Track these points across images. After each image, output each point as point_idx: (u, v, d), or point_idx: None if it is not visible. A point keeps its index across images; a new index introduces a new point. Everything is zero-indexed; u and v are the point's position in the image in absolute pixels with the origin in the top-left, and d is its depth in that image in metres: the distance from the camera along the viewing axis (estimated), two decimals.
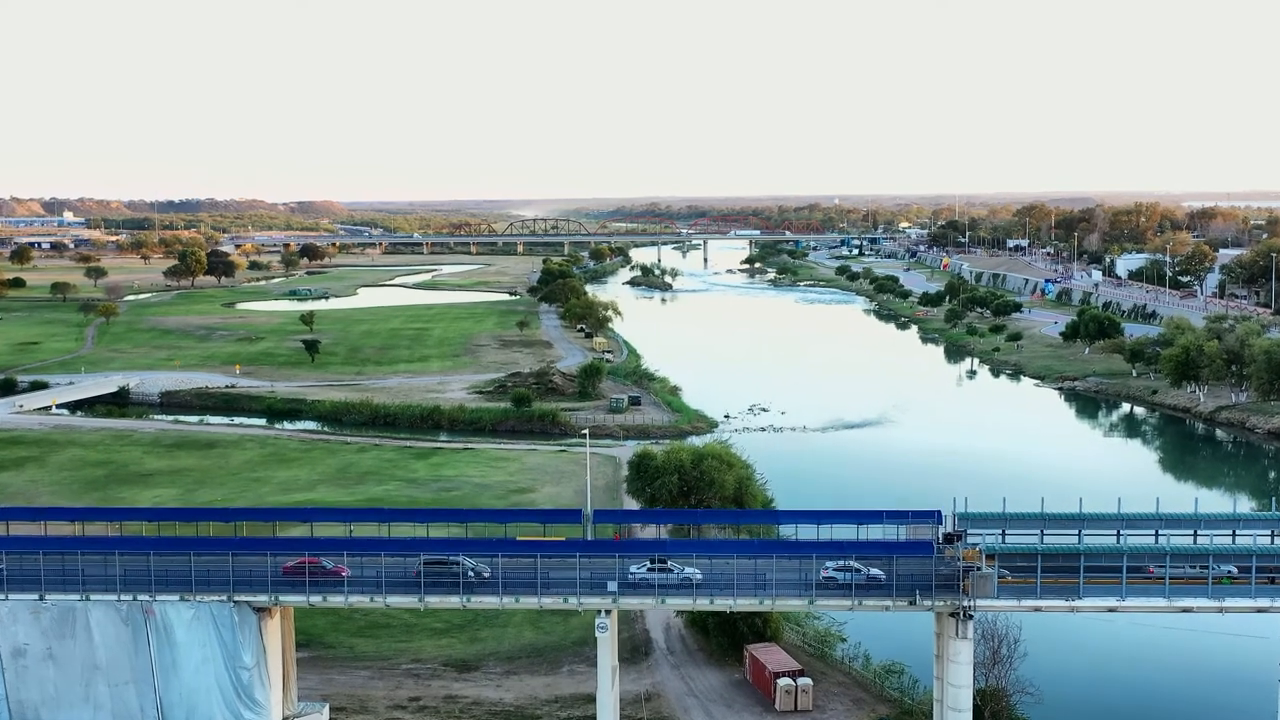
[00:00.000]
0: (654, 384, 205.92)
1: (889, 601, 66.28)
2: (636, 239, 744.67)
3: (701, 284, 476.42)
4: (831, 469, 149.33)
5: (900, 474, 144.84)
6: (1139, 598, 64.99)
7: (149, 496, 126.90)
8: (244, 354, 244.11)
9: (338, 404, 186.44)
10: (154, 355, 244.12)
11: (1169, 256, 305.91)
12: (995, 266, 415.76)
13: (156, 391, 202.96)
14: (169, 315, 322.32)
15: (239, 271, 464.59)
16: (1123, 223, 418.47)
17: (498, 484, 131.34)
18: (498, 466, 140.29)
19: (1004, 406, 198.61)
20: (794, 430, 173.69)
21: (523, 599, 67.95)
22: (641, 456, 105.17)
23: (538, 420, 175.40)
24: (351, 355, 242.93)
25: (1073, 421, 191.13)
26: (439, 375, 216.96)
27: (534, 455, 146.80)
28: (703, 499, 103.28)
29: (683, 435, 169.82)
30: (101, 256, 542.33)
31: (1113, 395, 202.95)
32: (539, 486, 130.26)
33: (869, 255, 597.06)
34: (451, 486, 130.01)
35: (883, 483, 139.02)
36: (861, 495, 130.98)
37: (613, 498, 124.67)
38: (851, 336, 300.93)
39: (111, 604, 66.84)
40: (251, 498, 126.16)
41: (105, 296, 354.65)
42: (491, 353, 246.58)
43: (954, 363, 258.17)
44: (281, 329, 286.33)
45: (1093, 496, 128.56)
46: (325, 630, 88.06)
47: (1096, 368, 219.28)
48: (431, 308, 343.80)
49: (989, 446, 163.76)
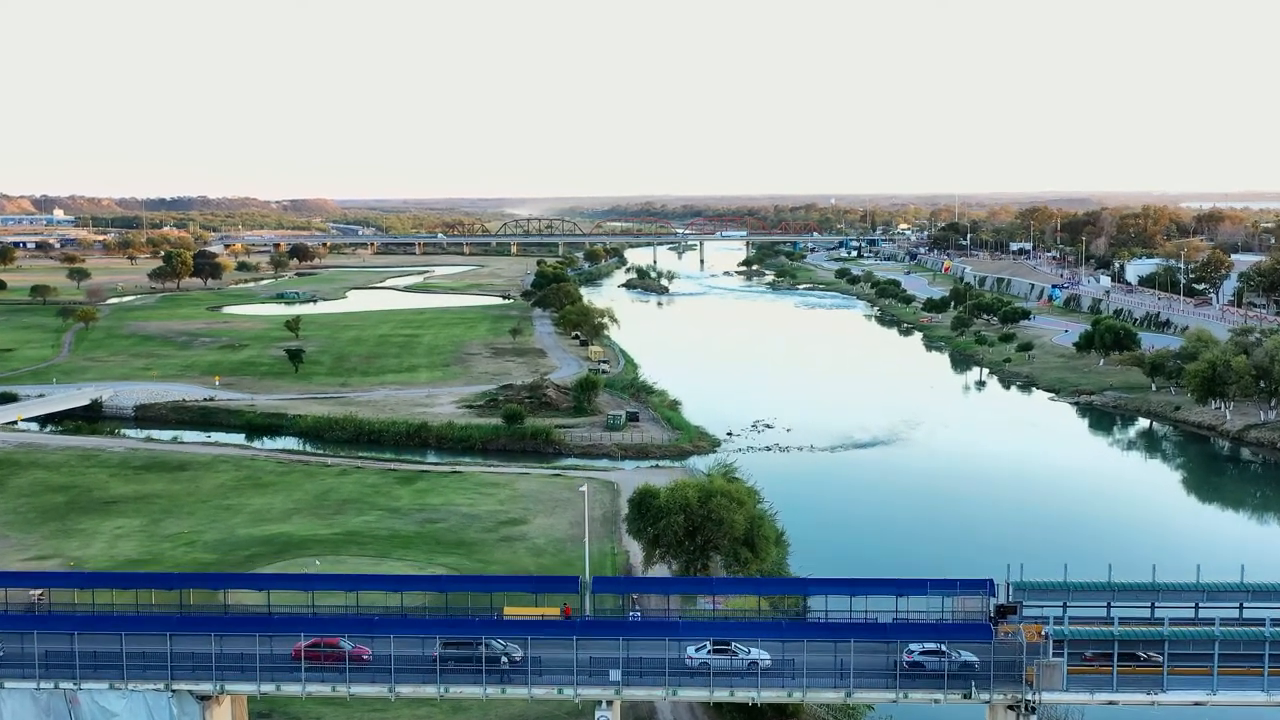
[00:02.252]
0: (652, 397, 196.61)
1: (939, 694, 57.02)
2: (632, 239, 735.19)
3: (698, 287, 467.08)
4: (845, 498, 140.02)
5: (920, 504, 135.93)
6: (1233, 691, 55.68)
7: (110, 528, 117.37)
8: (225, 363, 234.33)
9: (320, 419, 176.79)
10: (132, 364, 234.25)
11: (1183, 262, 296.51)
12: (999, 270, 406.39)
13: (131, 405, 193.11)
14: (151, 320, 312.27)
15: (226, 273, 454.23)
16: (1129, 226, 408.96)
17: (487, 514, 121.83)
18: (487, 493, 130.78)
19: (1019, 422, 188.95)
20: (801, 450, 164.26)
21: (510, 689, 58.49)
22: (643, 494, 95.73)
23: (530, 439, 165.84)
24: (337, 365, 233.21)
25: (1094, 440, 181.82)
26: (427, 387, 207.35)
27: (526, 480, 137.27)
28: (711, 539, 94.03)
29: (684, 455, 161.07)
30: (86, 257, 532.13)
31: (1132, 411, 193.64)
32: (532, 517, 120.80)
33: (868, 257, 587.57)
34: (437, 517, 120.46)
35: (903, 517, 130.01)
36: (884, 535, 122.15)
37: (611, 531, 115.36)
38: (854, 344, 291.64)
39: (29, 692, 57.39)
40: (221, 529, 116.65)
41: (86, 300, 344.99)
42: (483, 362, 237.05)
43: (961, 372, 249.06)
44: (266, 335, 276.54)
45: (1128, 530, 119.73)
46: (288, 700, 78.55)
47: (1113, 381, 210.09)
48: (422, 313, 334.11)
49: (1011, 469, 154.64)
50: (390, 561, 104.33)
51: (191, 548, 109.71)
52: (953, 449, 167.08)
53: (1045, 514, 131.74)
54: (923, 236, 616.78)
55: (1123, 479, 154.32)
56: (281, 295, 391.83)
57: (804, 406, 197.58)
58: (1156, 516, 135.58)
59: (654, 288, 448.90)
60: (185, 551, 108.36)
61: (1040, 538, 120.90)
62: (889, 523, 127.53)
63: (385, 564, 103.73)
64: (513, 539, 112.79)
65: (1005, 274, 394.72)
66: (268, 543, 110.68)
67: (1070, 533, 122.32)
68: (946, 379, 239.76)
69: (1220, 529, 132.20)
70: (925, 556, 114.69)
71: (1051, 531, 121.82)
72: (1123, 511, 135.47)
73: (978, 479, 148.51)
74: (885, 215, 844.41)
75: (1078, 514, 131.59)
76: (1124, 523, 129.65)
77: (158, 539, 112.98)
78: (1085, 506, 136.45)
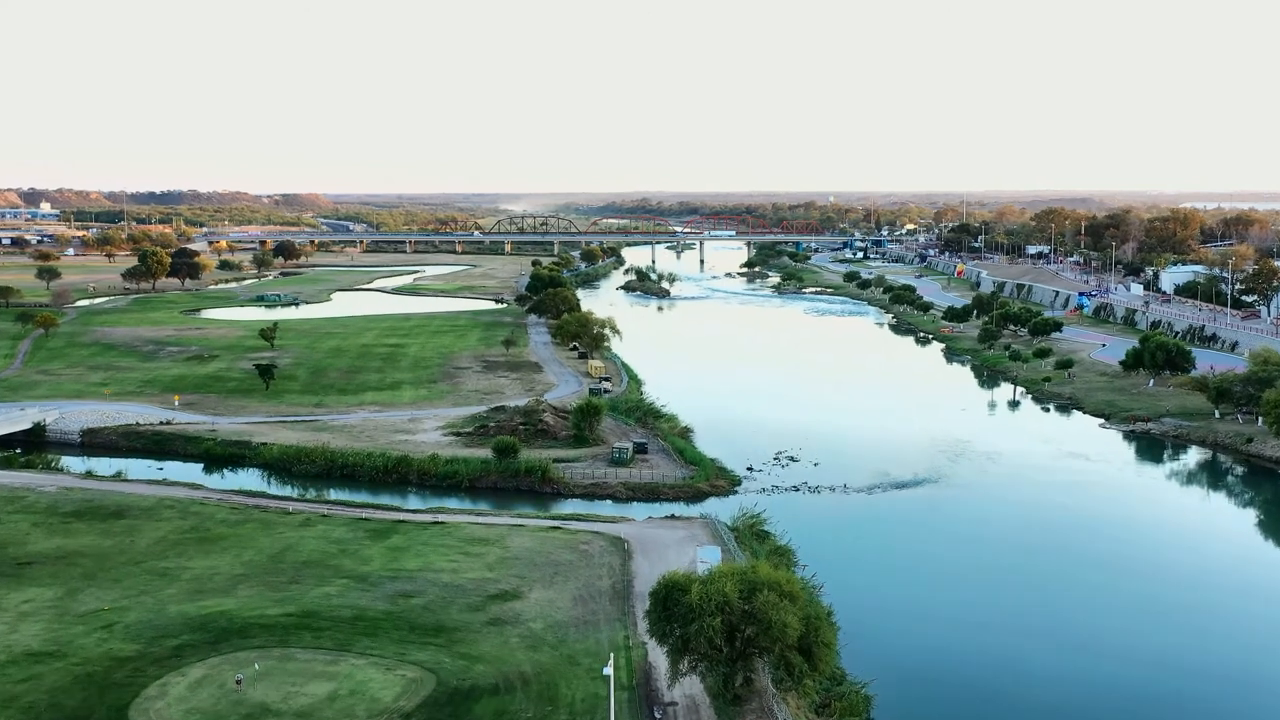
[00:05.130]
0: (661, 423, 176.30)
1: None
2: (630, 238, 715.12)
3: (700, 290, 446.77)
4: (898, 563, 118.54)
5: (995, 578, 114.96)
6: None
7: (16, 602, 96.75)
8: (190, 378, 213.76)
9: (288, 450, 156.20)
10: (87, 378, 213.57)
11: (1230, 271, 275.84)
12: (1018, 276, 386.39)
13: (78, 429, 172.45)
14: (119, 325, 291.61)
15: (207, 273, 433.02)
16: (1157, 231, 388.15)
17: (472, 584, 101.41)
18: (474, 554, 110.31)
19: (1075, 456, 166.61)
20: (834, 491, 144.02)
21: None
22: (668, 588, 75.51)
23: (524, 476, 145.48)
24: (313, 380, 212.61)
25: (1159, 475, 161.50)
26: (411, 409, 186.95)
27: (519, 535, 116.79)
28: (756, 645, 74.06)
29: (700, 496, 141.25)
30: (62, 254, 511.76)
31: (1195, 441, 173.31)
32: (527, 589, 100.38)
33: (874, 259, 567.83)
34: (413, 589, 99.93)
35: (977, 600, 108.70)
36: (958, 624, 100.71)
37: (623, 612, 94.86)
38: (871, 355, 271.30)
39: None
40: (150, 605, 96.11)
41: (51, 302, 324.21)
42: (473, 378, 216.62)
43: (989, 388, 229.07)
44: (239, 344, 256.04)
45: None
46: None
47: (1168, 405, 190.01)
48: (410, 319, 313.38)
49: (1092, 526, 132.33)
50: (350, 659, 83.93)
51: (109, 633, 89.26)
52: (1010, 493, 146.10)
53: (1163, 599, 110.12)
54: (931, 237, 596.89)
55: (1201, 517, 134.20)
56: (262, 298, 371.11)
57: (827, 432, 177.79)
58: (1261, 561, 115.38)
59: (654, 291, 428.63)
60: (100, 640, 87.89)
61: (1140, 602, 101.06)
62: (962, 607, 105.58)
63: (344, 662, 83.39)
64: (504, 621, 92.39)
65: (1025, 280, 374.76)
66: (203, 627, 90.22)
67: (1179, 609, 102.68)
68: (976, 398, 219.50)
69: None
70: (1017, 655, 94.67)
71: (1189, 635, 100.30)
72: (1220, 559, 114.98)
73: (1058, 540, 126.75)
74: (889, 214, 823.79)
75: (1204, 603, 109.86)
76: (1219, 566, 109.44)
77: (70, 620, 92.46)
78: (1184, 555, 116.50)
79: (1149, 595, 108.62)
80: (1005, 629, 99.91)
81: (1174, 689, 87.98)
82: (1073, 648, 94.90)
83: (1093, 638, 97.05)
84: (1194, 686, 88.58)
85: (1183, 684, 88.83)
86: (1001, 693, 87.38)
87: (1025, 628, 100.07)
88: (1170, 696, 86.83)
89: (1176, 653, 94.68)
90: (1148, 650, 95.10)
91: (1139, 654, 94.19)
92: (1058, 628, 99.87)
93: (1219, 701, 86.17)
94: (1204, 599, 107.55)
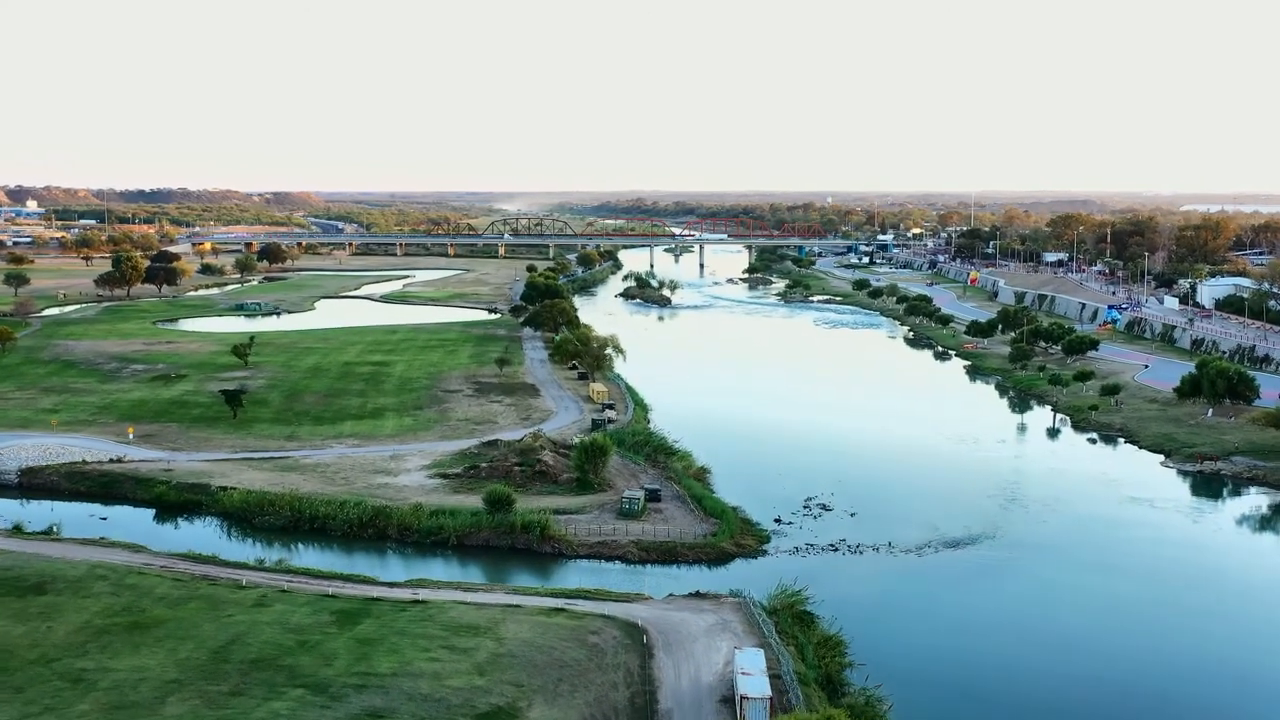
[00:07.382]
0: (674, 461, 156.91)
1: None
2: (627, 240, 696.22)
3: (702, 297, 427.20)
4: (972, 658, 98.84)
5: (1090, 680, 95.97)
6: None
7: None
8: (151, 403, 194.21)
9: (250, 498, 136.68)
10: (38, 404, 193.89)
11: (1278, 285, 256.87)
12: (1039, 286, 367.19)
13: (15, 468, 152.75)
14: (84, 338, 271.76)
15: (186, 278, 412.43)
16: (1188, 240, 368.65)
17: (457, 696, 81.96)
18: (460, 648, 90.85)
19: (1140, 502, 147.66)
20: (876, 551, 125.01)
21: None
22: None
23: (521, 532, 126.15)
24: (287, 407, 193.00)
25: (1247, 530, 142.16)
26: (394, 443, 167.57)
27: (516, 620, 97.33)
28: None
29: (725, 558, 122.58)
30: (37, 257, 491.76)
31: (1273, 485, 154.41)
32: (525, 706, 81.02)
33: (880, 264, 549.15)
34: (383, 705, 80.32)
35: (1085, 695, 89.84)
36: None
37: None
38: (890, 374, 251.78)
39: None
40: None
41: (13, 312, 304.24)
42: (464, 403, 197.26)
43: (1021, 412, 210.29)
44: (211, 362, 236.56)
45: None
46: None
47: (1233, 440, 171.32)
48: (396, 331, 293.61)
49: (1183, 597, 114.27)
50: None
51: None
52: (1085, 554, 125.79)
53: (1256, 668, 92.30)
54: (940, 242, 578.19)
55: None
56: (242, 306, 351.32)
57: (859, 473, 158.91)
58: None
59: (655, 299, 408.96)
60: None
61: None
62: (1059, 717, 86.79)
63: None
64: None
65: (1047, 290, 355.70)
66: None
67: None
68: (1012, 425, 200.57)
69: None
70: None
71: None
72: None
73: (1136, 605, 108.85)
74: (891, 217, 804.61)
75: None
76: None
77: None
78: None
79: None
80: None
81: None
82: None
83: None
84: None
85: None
86: None
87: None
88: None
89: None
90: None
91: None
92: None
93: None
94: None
